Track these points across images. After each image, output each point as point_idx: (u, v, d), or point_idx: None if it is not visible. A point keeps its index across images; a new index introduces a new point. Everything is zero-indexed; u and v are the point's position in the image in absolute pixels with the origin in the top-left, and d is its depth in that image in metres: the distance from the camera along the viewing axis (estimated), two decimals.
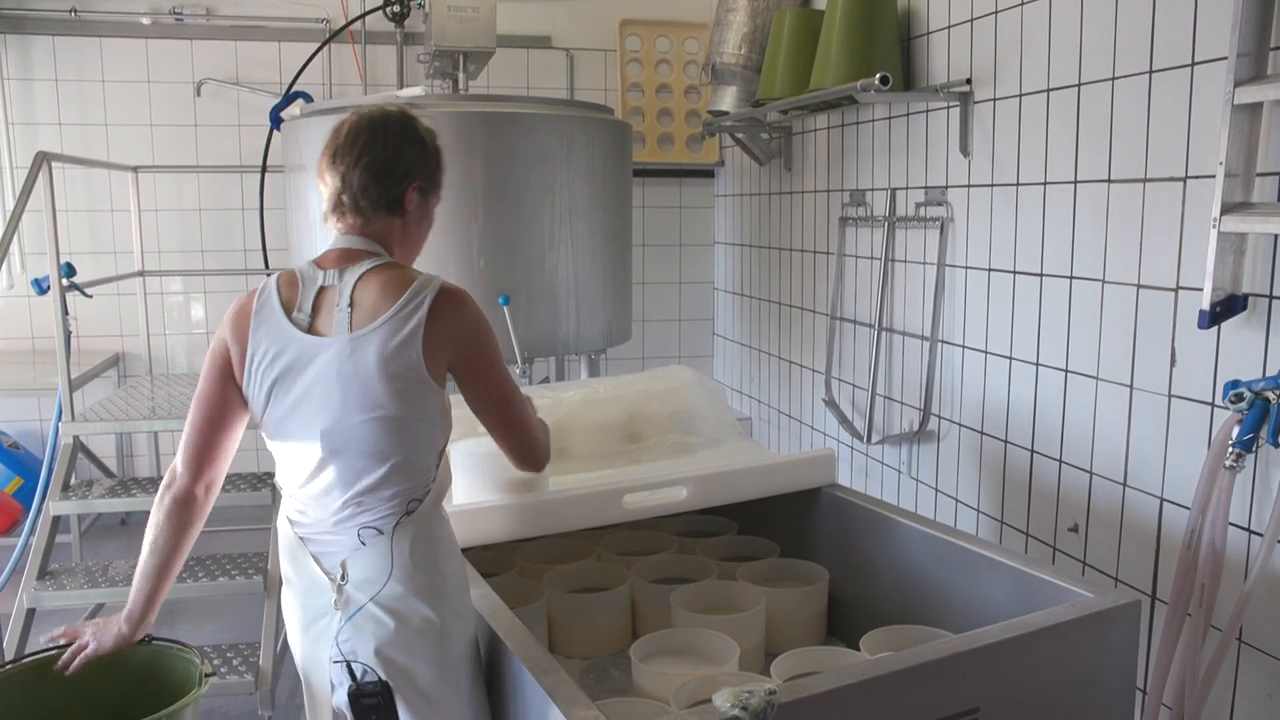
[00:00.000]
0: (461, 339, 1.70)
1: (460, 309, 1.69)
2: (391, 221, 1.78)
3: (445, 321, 1.67)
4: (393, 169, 1.74)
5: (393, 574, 1.67)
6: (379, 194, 1.74)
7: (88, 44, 4.91)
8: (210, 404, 1.79)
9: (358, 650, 1.68)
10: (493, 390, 1.78)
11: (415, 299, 1.66)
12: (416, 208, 1.80)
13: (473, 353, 1.72)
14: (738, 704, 1.34)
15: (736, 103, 4.34)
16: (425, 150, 1.80)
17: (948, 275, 3.31)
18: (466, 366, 1.73)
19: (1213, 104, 2.21)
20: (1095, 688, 1.72)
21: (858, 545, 2.37)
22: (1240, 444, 2.08)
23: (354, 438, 1.66)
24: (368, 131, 1.75)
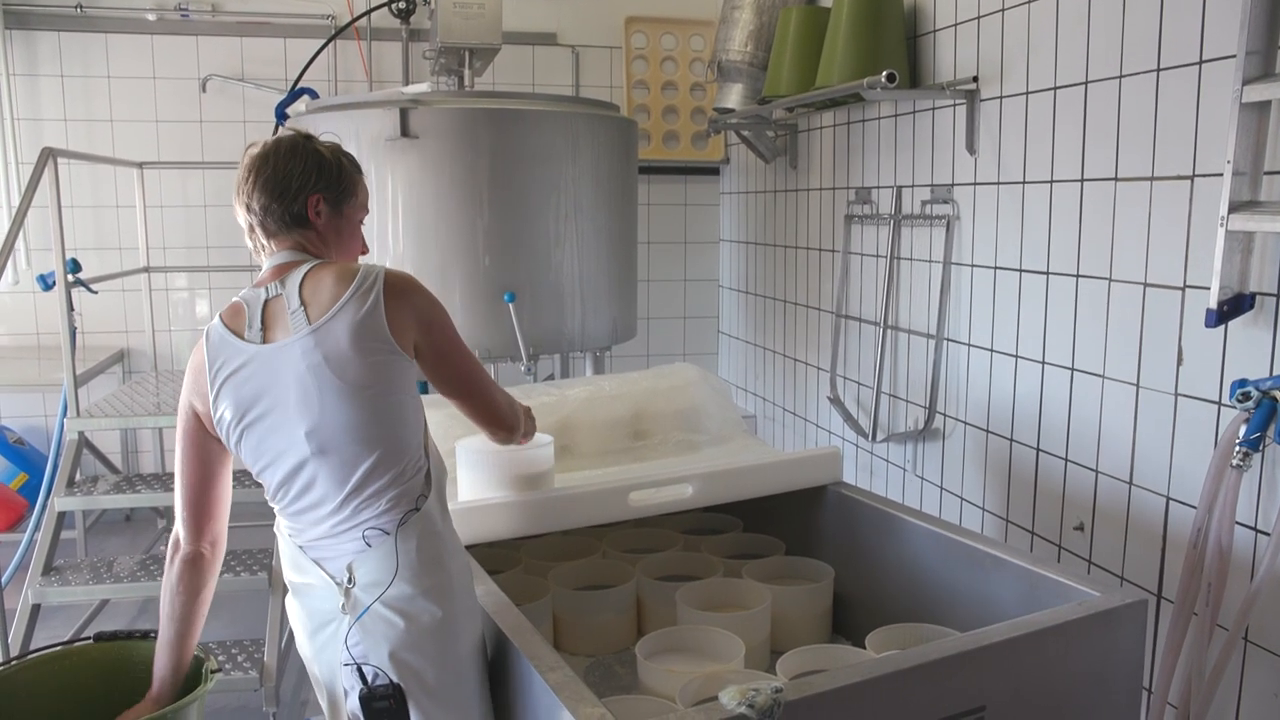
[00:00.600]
0: (422, 315, 1.72)
1: (412, 288, 1.73)
2: (306, 234, 1.79)
3: (402, 299, 1.69)
4: (287, 185, 1.75)
5: (398, 573, 1.66)
6: (280, 211, 1.76)
7: (93, 40, 4.91)
8: (194, 465, 1.79)
9: (369, 653, 1.67)
10: (458, 365, 1.81)
11: (366, 281, 1.68)
12: (328, 220, 1.80)
13: (434, 327, 1.74)
14: (744, 701, 1.34)
15: (742, 100, 4.33)
16: (321, 163, 1.79)
17: (953, 273, 3.30)
18: (430, 343, 1.74)
19: (1221, 102, 2.20)
20: (1101, 686, 1.72)
21: (863, 543, 2.37)
22: (1247, 443, 2.07)
23: (339, 428, 1.65)
24: (259, 159, 1.78)
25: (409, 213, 3.57)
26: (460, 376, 1.84)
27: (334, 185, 1.80)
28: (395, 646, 1.66)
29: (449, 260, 3.55)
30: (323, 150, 1.81)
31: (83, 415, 3.67)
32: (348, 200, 1.83)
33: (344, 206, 1.82)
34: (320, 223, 1.79)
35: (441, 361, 1.78)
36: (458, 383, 1.84)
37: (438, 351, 1.76)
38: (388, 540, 1.67)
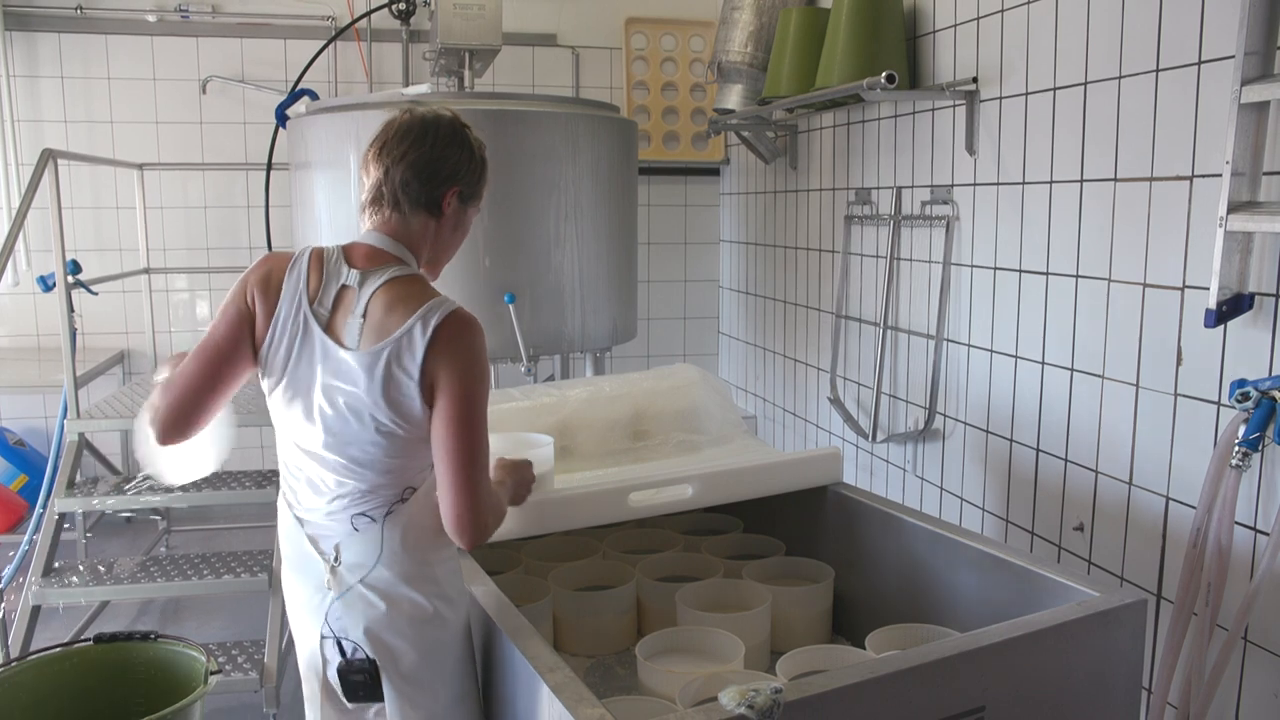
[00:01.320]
0: (450, 365, 1.63)
1: (460, 337, 1.64)
2: (428, 222, 1.77)
3: (445, 346, 1.62)
4: (438, 170, 1.74)
5: (382, 559, 1.70)
6: (419, 192, 1.73)
7: (93, 41, 4.92)
8: (217, 351, 1.74)
9: (348, 629, 1.72)
10: (456, 430, 1.63)
11: (422, 320, 1.63)
12: (454, 212, 1.79)
13: (454, 383, 1.63)
14: (744, 702, 1.34)
15: (742, 101, 4.34)
16: (472, 158, 1.79)
17: (953, 274, 3.30)
18: (444, 392, 1.64)
19: (1219, 103, 2.21)
20: (1101, 686, 1.72)
21: (863, 544, 2.37)
22: (1246, 443, 2.08)
23: (353, 446, 1.68)
24: (418, 130, 1.74)
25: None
26: (453, 442, 1.64)
27: (474, 184, 1.81)
28: (373, 625, 1.70)
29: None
30: (474, 145, 1.81)
31: (83, 417, 3.67)
32: (474, 200, 1.84)
33: (470, 205, 1.83)
34: (447, 213, 1.78)
35: (443, 411, 1.64)
36: (447, 444, 1.64)
37: (446, 398, 1.64)
38: (374, 527, 1.70)
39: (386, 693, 1.73)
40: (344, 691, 1.76)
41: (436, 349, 1.62)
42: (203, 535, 5.01)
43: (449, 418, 1.62)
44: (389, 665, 1.72)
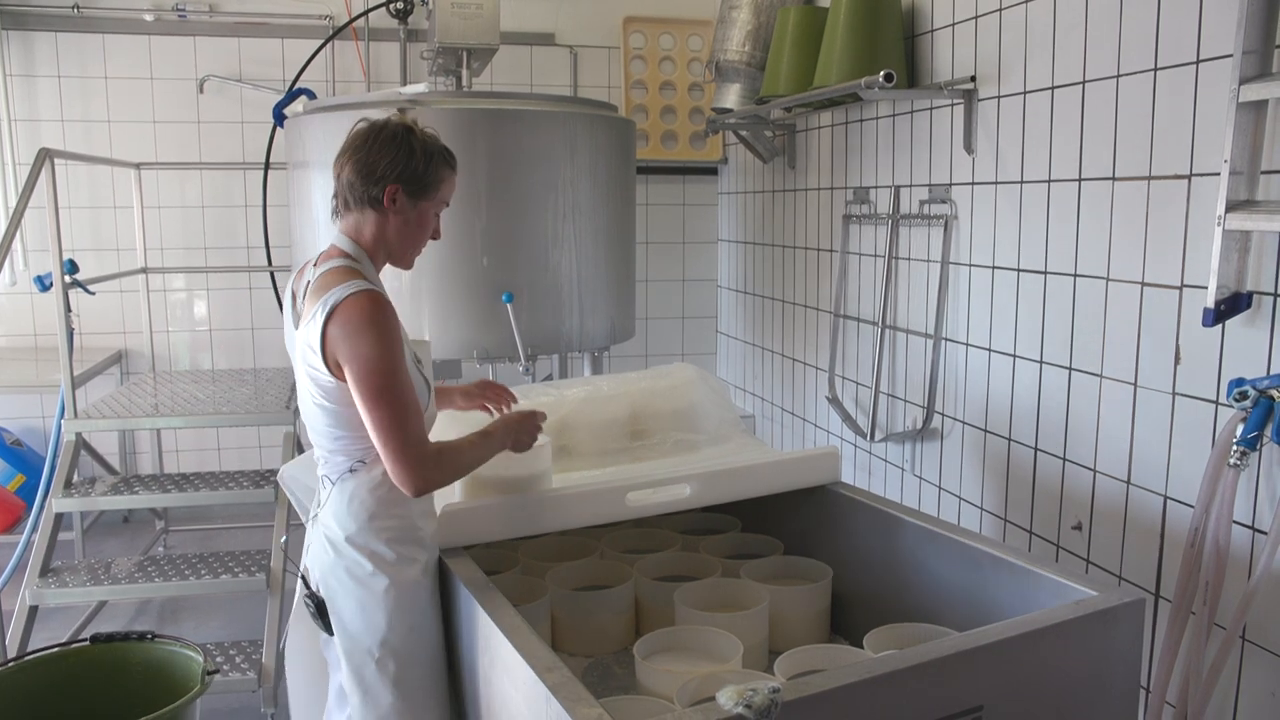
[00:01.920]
0: (343, 343, 1.84)
1: (341, 317, 1.83)
2: (377, 219, 1.97)
3: (336, 328, 1.84)
4: (374, 168, 1.94)
5: (334, 515, 1.98)
6: (361, 191, 1.95)
7: (90, 40, 4.91)
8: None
9: (311, 565, 2.05)
10: (362, 396, 1.85)
11: (322, 304, 1.85)
12: (402, 208, 1.96)
13: (349, 358, 1.84)
14: (741, 701, 1.34)
15: (740, 100, 4.33)
16: (411, 157, 1.95)
17: (952, 273, 3.30)
18: (346, 368, 1.85)
19: (1218, 101, 2.21)
20: (1099, 686, 1.72)
21: (861, 543, 2.37)
22: (1244, 442, 2.07)
23: (307, 416, 2.00)
24: (363, 135, 1.97)
25: None
26: (361, 403, 1.86)
27: (415, 180, 1.96)
28: (322, 568, 2.01)
29: (447, 261, 3.54)
30: (417, 145, 1.97)
31: (80, 416, 3.66)
32: (427, 195, 1.99)
33: (421, 201, 1.98)
34: (393, 210, 1.96)
35: (353, 392, 1.87)
36: (363, 417, 1.88)
37: (351, 383, 1.86)
38: (331, 487, 2.00)
39: (334, 627, 2.01)
40: (311, 614, 2.09)
41: (329, 330, 1.84)
42: (200, 535, 5.01)
43: (355, 387, 1.85)
44: (331, 606, 2.00)
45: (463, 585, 1.91)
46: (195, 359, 5.23)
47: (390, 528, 1.98)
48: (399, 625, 1.98)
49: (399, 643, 1.99)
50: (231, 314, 5.23)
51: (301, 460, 2.47)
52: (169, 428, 4.40)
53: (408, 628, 1.99)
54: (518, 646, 1.61)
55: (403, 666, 2.00)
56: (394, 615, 1.97)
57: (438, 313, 3.58)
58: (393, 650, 1.98)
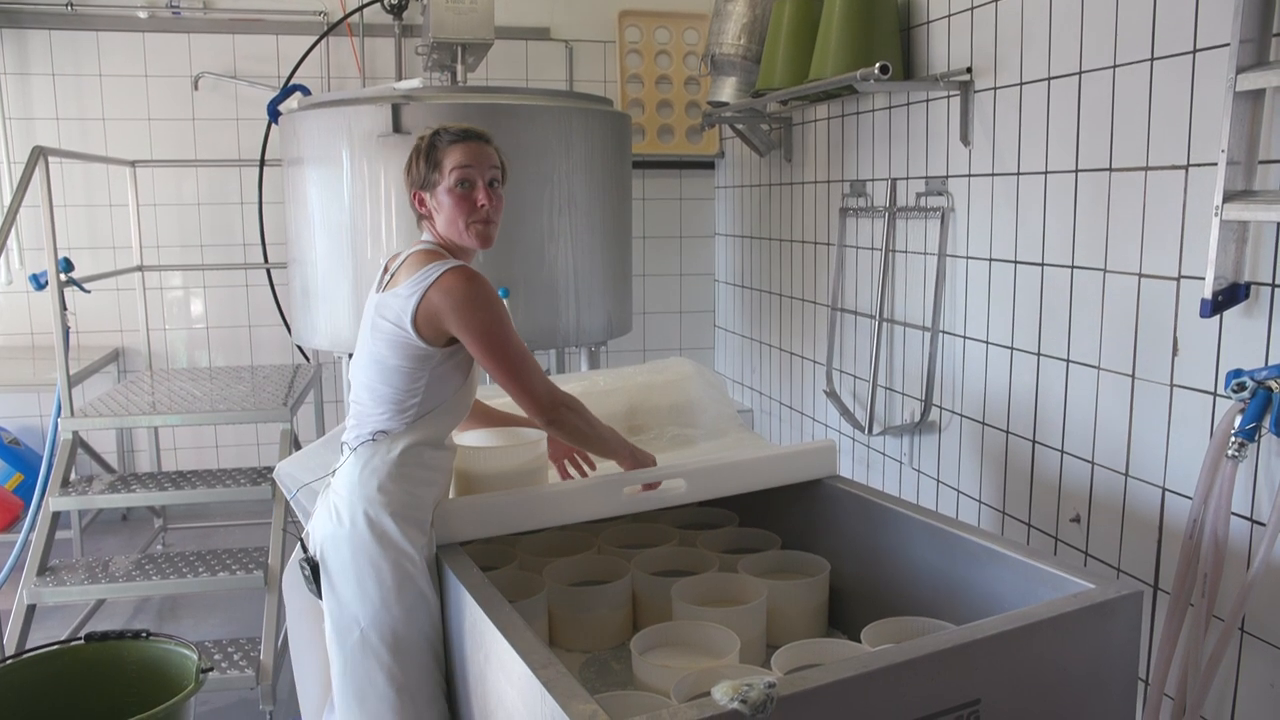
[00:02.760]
0: (444, 310, 1.95)
1: (445, 286, 1.95)
2: (425, 224, 2.15)
3: (437, 293, 1.95)
4: (406, 186, 2.15)
5: (344, 479, 2.05)
6: (412, 211, 2.16)
7: (84, 38, 4.90)
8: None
9: (312, 530, 2.11)
10: (481, 352, 2.00)
11: (425, 273, 1.97)
12: (432, 204, 2.09)
13: (456, 323, 1.97)
14: (736, 697, 1.33)
15: (736, 94, 4.32)
16: (415, 159, 2.10)
17: (949, 265, 3.30)
18: (460, 335, 1.98)
19: (1215, 91, 2.20)
20: (1097, 678, 1.71)
21: (859, 537, 2.36)
22: (1243, 433, 2.07)
23: (359, 366, 2.07)
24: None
25: (403, 208, 3.56)
26: (483, 361, 2.03)
27: (421, 178, 2.09)
28: (320, 531, 2.07)
29: None
30: (417, 147, 2.10)
31: (77, 415, 3.65)
32: (436, 183, 2.08)
33: (435, 189, 2.08)
34: (428, 209, 2.11)
35: (467, 345, 2.00)
36: (483, 364, 2.04)
37: (461, 336, 1.98)
38: (350, 454, 2.06)
39: (323, 594, 2.07)
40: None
41: (432, 296, 1.95)
42: (199, 533, 5.00)
43: (479, 352, 1.99)
44: (324, 570, 2.06)
45: (458, 581, 1.90)
46: (192, 357, 5.22)
47: (397, 501, 2.01)
48: (392, 603, 2.01)
49: (389, 621, 2.01)
50: (228, 311, 5.22)
51: (299, 457, 2.46)
52: (166, 426, 4.40)
53: (400, 608, 2.01)
54: (513, 643, 1.60)
55: (396, 646, 2.02)
56: (387, 592, 2.00)
57: None
58: (382, 627, 2.01)
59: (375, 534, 2.00)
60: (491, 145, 2.13)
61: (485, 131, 2.13)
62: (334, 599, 2.05)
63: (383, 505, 2.00)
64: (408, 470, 2.02)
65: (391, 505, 2.01)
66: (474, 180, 2.06)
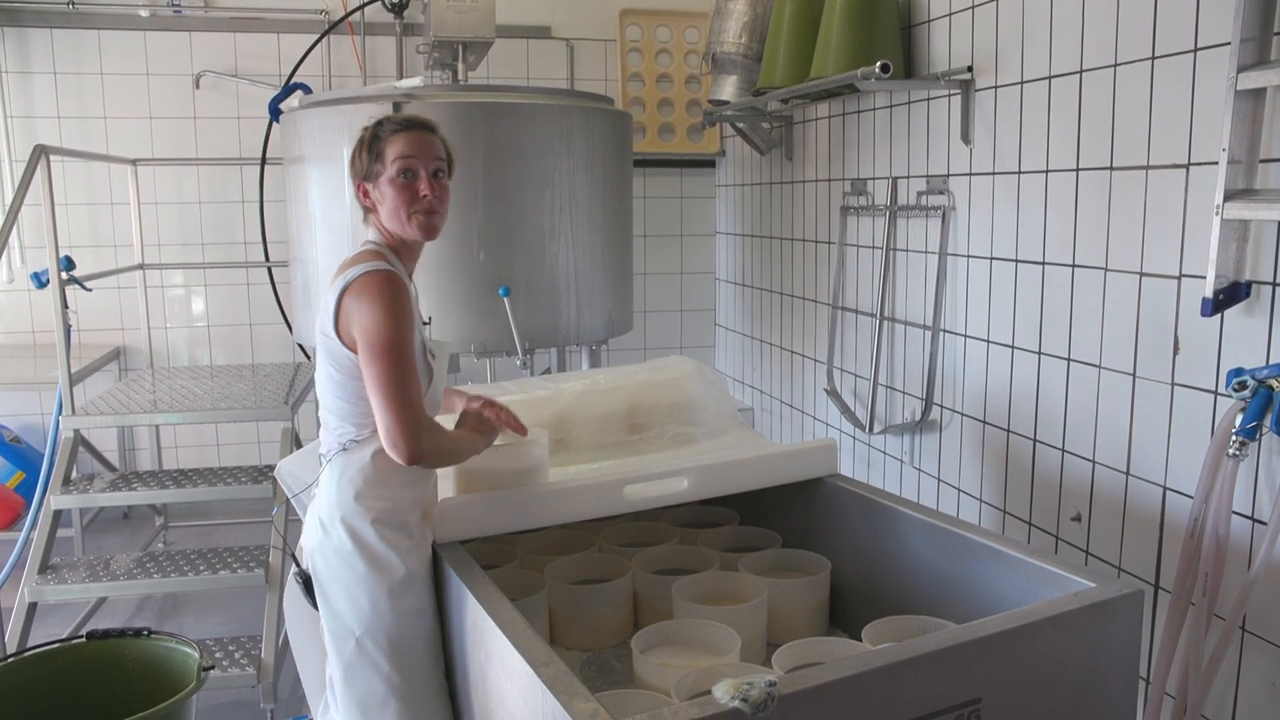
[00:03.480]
0: (354, 317, 1.94)
1: (355, 288, 1.94)
2: (370, 216, 2.11)
3: (346, 297, 1.95)
4: (351, 179, 2.12)
5: (324, 492, 2.04)
6: (358, 200, 2.12)
7: (86, 36, 4.90)
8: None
9: (304, 543, 2.11)
10: (366, 362, 1.93)
11: (340, 279, 1.97)
12: (374, 196, 2.07)
13: (359, 329, 1.93)
14: (737, 695, 1.33)
15: (737, 92, 4.32)
16: (357, 151, 2.07)
17: (949, 264, 3.29)
18: (356, 338, 1.95)
19: (1216, 90, 2.19)
20: (1098, 677, 1.71)
21: (860, 536, 2.37)
22: (1244, 432, 2.07)
23: (317, 380, 2.08)
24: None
25: None
26: (365, 376, 1.95)
27: (363, 169, 2.07)
28: (310, 544, 2.07)
29: (444, 254, 3.53)
30: (358, 140, 2.08)
31: (78, 413, 3.66)
32: (379, 174, 2.05)
33: (377, 180, 2.05)
34: (372, 202, 2.08)
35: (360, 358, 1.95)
36: (366, 380, 1.96)
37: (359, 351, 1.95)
38: (325, 464, 2.06)
39: (319, 605, 2.08)
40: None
41: (345, 301, 1.95)
42: (200, 531, 5.01)
43: (362, 354, 1.93)
44: (317, 583, 2.06)
45: (459, 579, 1.90)
46: (193, 355, 5.22)
47: (376, 509, 2.01)
48: (384, 610, 2.01)
49: (383, 628, 2.01)
50: (229, 310, 5.22)
51: (299, 455, 2.47)
52: (167, 424, 4.39)
53: (393, 615, 2.01)
54: (513, 641, 1.60)
55: (393, 654, 2.02)
56: (378, 599, 2.00)
57: (435, 307, 3.57)
58: (378, 635, 2.01)
59: (357, 544, 2.00)
60: (437, 135, 2.09)
61: (430, 121, 2.10)
62: (328, 610, 2.05)
63: (360, 514, 2.00)
64: (384, 475, 2.02)
65: (370, 513, 2.00)
66: (416, 170, 2.03)
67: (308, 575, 2.09)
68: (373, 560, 2.00)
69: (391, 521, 2.02)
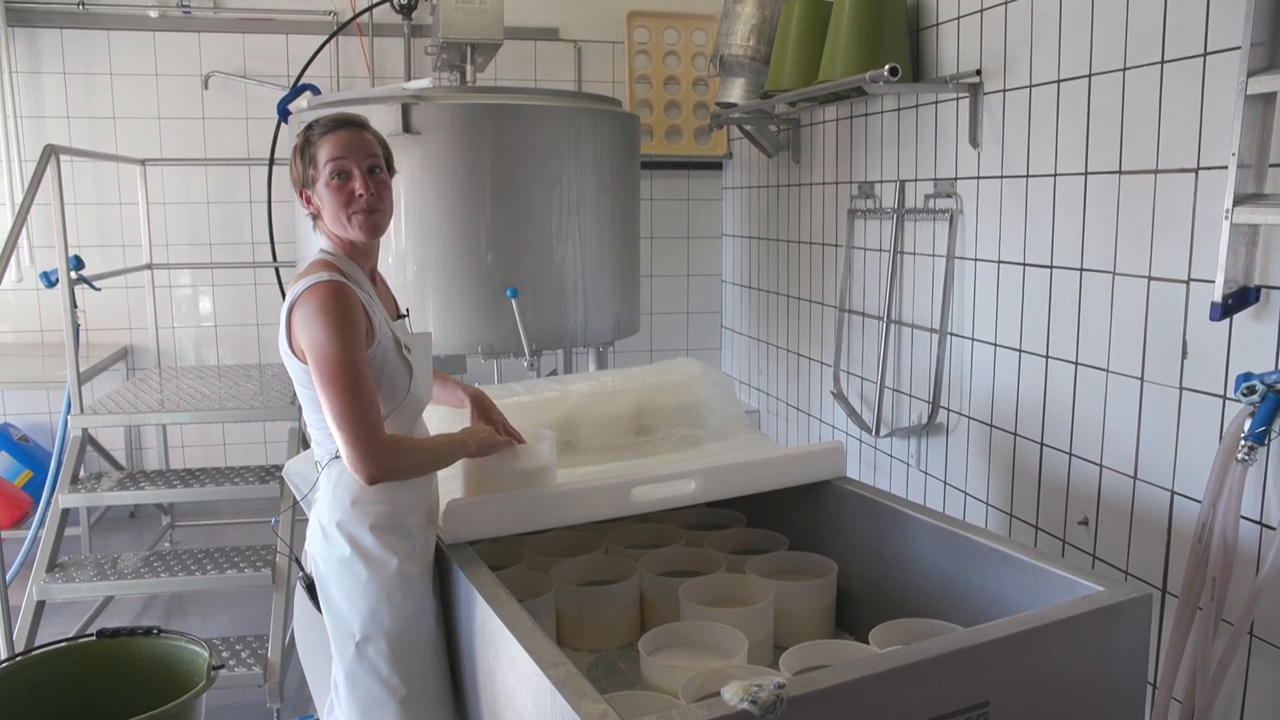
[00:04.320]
0: (301, 333, 1.92)
1: (300, 304, 1.92)
2: (318, 222, 2.08)
3: (295, 319, 1.92)
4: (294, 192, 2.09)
5: (322, 499, 2.04)
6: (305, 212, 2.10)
7: (95, 37, 4.91)
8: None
9: (308, 548, 2.11)
10: (319, 382, 1.90)
11: (291, 293, 1.95)
12: (316, 202, 2.03)
13: (307, 347, 1.91)
14: (747, 697, 1.34)
15: (745, 95, 4.32)
16: (294, 160, 2.05)
17: (957, 267, 3.29)
18: (306, 356, 1.92)
19: (1225, 94, 2.19)
20: (1106, 682, 1.71)
21: (867, 538, 2.37)
22: (1252, 437, 2.06)
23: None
24: None
25: (411, 209, 3.57)
26: (322, 398, 1.91)
27: (300, 176, 2.04)
28: (312, 549, 2.08)
29: (451, 256, 3.54)
30: (294, 146, 2.05)
31: (86, 412, 3.67)
32: (315, 179, 2.02)
33: (315, 184, 2.02)
34: (315, 207, 2.05)
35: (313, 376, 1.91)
36: (319, 396, 1.92)
37: (311, 367, 1.91)
38: (321, 471, 2.06)
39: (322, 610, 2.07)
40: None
41: (293, 318, 1.93)
42: (206, 530, 5.02)
43: (313, 373, 1.90)
44: (320, 588, 2.06)
45: (467, 580, 1.91)
46: (200, 355, 5.23)
47: (374, 514, 2.01)
48: (384, 615, 2.01)
49: (383, 632, 2.01)
50: (237, 310, 5.23)
51: (306, 456, 2.48)
52: (174, 423, 4.40)
53: (393, 619, 2.01)
54: (523, 642, 1.61)
55: (393, 657, 2.02)
56: (378, 604, 2.01)
57: (442, 308, 3.58)
58: (378, 639, 2.01)
59: (356, 549, 2.00)
60: (368, 131, 2.04)
61: (359, 117, 2.06)
62: (330, 613, 2.05)
63: (357, 519, 2.00)
64: (399, 493, 2.02)
65: (368, 518, 2.00)
66: (350, 170, 1.99)
67: (311, 579, 2.10)
68: (372, 565, 2.00)
69: (390, 526, 2.02)
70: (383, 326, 2.00)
